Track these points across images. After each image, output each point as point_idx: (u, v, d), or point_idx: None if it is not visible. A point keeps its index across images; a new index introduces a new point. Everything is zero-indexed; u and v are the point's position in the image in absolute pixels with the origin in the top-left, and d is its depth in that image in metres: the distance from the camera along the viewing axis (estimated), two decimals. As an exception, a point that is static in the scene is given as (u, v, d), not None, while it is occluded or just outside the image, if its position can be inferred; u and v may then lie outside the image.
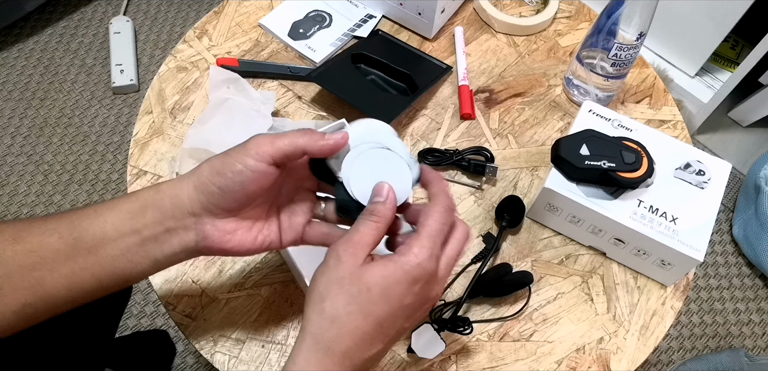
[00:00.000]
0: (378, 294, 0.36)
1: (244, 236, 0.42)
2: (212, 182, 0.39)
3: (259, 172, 0.39)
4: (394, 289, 0.36)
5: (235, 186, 0.39)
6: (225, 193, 0.39)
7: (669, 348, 1.19)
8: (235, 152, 0.39)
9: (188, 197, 0.40)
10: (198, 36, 0.75)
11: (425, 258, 0.37)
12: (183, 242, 0.40)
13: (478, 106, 0.72)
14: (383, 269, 0.37)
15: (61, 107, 1.39)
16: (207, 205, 0.39)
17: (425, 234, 0.38)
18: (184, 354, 1.10)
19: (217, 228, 0.40)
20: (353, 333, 0.36)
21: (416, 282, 0.37)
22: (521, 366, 0.55)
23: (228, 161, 0.39)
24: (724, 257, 1.31)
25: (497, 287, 0.57)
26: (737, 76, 1.28)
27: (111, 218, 0.39)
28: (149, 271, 0.41)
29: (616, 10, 0.62)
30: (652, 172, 0.57)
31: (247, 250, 0.42)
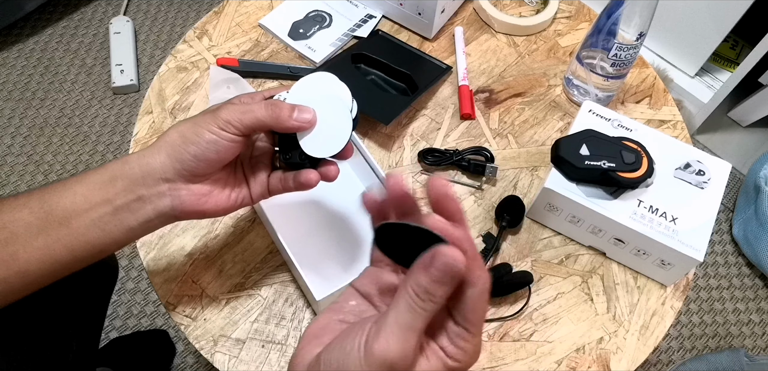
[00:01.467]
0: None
1: (219, 197, 0.43)
2: (186, 150, 0.40)
3: (231, 141, 0.40)
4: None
5: (209, 153, 0.40)
6: (199, 160, 0.40)
7: (669, 348, 1.19)
8: (205, 121, 0.40)
9: (160, 164, 0.40)
10: (198, 36, 0.75)
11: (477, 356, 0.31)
12: (157, 208, 0.41)
13: (478, 106, 0.72)
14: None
15: (61, 107, 1.39)
16: (181, 171, 0.40)
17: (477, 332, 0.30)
18: (184, 354, 1.10)
19: (192, 193, 0.42)
20: None
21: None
22: (521, 366, 0.55)
23: (199, 130, 0.40)
24: (724, 257, 1.30)
25: (497, 287, 0.57)
26: (737, 76, 1.28)
27: (80, 190, 0.40)
28: (124, 240, 0.42)
29: (616, 10, 0.62)
30: (652, 172, 0.57)
31: (223, 209, 0.44)
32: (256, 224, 0.61)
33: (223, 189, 0.44)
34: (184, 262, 0.58)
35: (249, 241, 0.60)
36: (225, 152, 0.41)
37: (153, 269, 0.57)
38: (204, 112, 0.42)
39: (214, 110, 0.41)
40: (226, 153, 0.41)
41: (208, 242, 0.59)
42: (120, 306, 1.14)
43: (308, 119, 0.42)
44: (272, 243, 0.60)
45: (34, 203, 0.40)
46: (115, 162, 0.41)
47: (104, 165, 0.41)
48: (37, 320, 0.55)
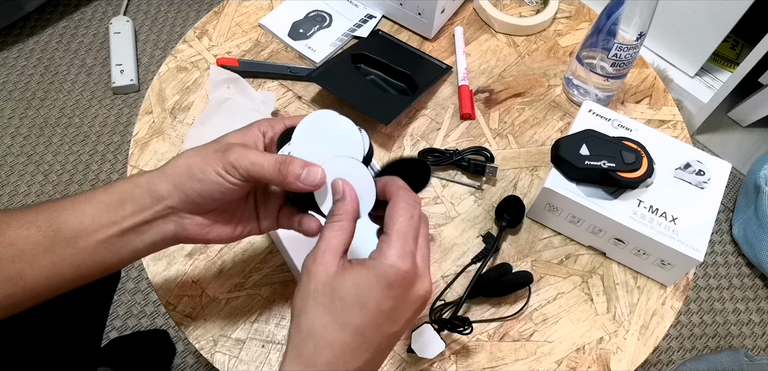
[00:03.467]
0: (351, 302, 0.35)
1: (223, 229, 0.43)
2: (191, 186, 0.39)
3: (235, 185, 0.40)
4: (369, 295, 0.35)
5: (214, 193, 0.40)
6: (204, 198, 0.40)
7: (669, 348, 1.19)
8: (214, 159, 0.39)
9: (167, 192, 0.40)
10: (198, 36, 0.75)
11: (397, 258, 0.36)
12: (162, 232, 0.41)
13: (478, 106, 0.72)
14: (354, 277, 0.35)
15: (61, 107, 1.39)
16: (186, 203, 0.40)
17: (394, 234, 0.36)
18: (184, 354, 1.10)
19: (195, 223, 0.42)
20: (331, 345, 0.35)
21: (392, 286, 0.35)
22: (521, 366, 0.55)
23: (206, 168, 0.39)
24: (724, 257, 1.30)
25: (497, 287, 0.57)
26: (737, 76, 1.28)
27: (89, 211, 0.40)
28: (129, 259, 0.42)
29: (616, 10, 0.62)
30: (652, 172, 0.57)
31: (227, 239, 0.44)
32: (256, 224, 0.61)
33: (228, 221, 0.44)
34: (184, 262, 0.58)
35: (249, 241, 0.60)
36: (230, 195, 0.40)
37: (153, 269, 0.57)
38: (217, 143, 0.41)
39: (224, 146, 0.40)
40: (231, 195, 0.40)
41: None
42: (120, 306, 1.14)
43: (316, 182, 0.40)
44: (272, 243, 0.60)
45: (43, 221, 0.39)
46: (123, 183, 0.41)
47: (113, 185, 0.41)
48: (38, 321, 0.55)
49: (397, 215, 0.37)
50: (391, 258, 0.35)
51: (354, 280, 0.35)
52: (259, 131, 0.42)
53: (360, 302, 0.35)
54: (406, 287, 0.36)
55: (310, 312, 0.35)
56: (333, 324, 0.35)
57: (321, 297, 0.35)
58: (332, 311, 0.35)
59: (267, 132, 0.43)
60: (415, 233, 0.37)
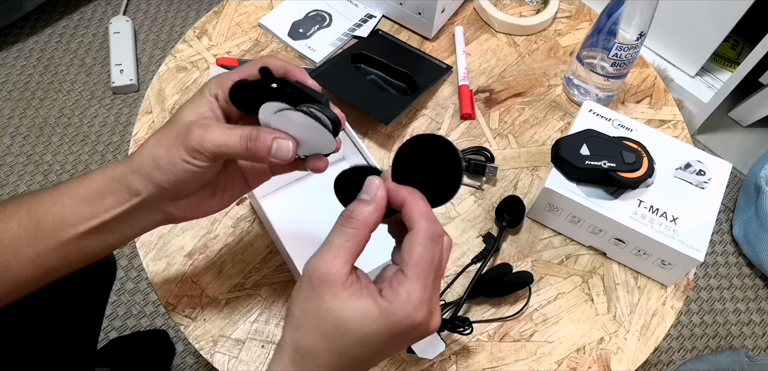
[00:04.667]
0: (356, 337, 0.33)
1: (210, 203, 0.42)
2: (163, 180, 0.38)
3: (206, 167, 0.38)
4: (374, 338, 0.33)
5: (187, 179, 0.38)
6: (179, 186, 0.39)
7: (669, 348, 1.19)
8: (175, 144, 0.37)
9: (143, 186, 0.38)
10: (198, 36, 0.75)
11: (413, 309, 0.32)
12: (149, 218, 0.41)
13: (478, 106, 0.72)
14: (364, 313, 0.32)
15: (61, 106, 1.39)
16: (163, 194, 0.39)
17: (414, 277, 0.33)
18: (184, 354, 1.09)
19: (179, 207, 0.41)
20: (329, 366, 0.34)
21: (401, 335, 0.33)
22: (521, 366, 0.55)
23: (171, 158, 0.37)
24: (725, 257, 1.30)
25: (497, 287, 0.57)
26: (737, 76, 1.28)
27: (69, 203, 0.39)
28: (118, 244, 0.41)
29: (617, 9, 0.62)
30: (652, 172, 0.57)
31: (217, 210, 0.43)
32: (256, 224, 0.61)
33: (213, 194, 0.43)
34: (184, 262, 0.58)
35: (249, 241, 0.60)
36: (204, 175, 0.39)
37: (153, 269, 0.57)
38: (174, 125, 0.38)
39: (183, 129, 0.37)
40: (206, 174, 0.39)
41: (208, 242, 0.59)
42: (120, 306, 1.14)
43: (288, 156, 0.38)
44: (272, 243, 0.60)
45: (23, 214, 0.39)
46: (99, 176, 0.40)
47: (89, 177, 0.40)
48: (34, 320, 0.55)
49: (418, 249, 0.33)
50: (407, 308, 0.32)
51: (362, 316, 0.32)
52: (211, 96, 0.40)
53: (362, 340, 0.33)
54: (414, 332, 0.34)
55: (312, 333, 0.34)
56: (333, 351, 0.33)
57: (323, 321, 0.33)
58: (334, 339, 0.33)
59: (219, 95, 0.40)
60: (436, 274, 0.34)
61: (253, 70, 0.40)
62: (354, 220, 0.34)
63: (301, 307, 0.34)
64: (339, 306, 0.33)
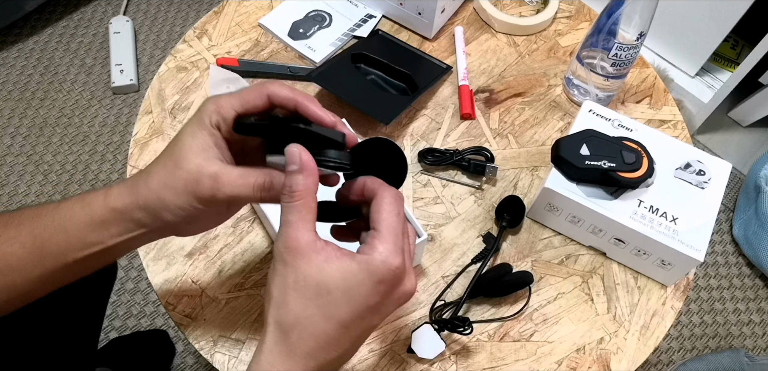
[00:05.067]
0: (340, 296, 0.34)
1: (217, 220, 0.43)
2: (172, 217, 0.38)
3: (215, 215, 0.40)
4: (357, 290, 0.34)
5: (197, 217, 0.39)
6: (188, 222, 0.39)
7: (669, 348, 1.19)
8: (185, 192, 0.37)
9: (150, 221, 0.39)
10: (198, 36, 0.75)
11: (388, 254, 0.35)
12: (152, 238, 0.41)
13: (478, 106, 0.72)
14: (343, 269, 0.34)
15: (61, 106, 1.39)
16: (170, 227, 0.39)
17: (385, 229, 0.35)
18: (184, 354, 1.09)
19: (181, 231, 0.41)
20: (315, 335, 0.34)
21: (382, 282, 0.35)
22: (521, 366, 0.55)
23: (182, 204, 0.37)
24: (725, 257, 1.30)
25: (497, 287, 0.57)
26: (737, 76, 1.28)
27: (73, 230, 0.39)
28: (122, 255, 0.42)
29: (616, 9, 0.62)
30: (652, 172, 0.57)
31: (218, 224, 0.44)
32: (256, 224, 0.61)
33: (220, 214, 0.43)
34: (184, 262, 0.58)
35: (249, 241, 0.60)
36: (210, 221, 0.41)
37: (153, 269, 0.57)
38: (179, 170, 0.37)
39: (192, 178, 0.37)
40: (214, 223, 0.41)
41: (207, 242, 0.59)
42: (120, 306, 1.14)
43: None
44: (272, 243, 0.60)
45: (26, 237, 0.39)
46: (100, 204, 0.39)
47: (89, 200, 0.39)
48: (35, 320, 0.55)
49: (386, 210, 0.36)
50: (383, 254, 0.35)
51: (342, 273, 0.34)
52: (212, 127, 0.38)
53: (347, 296, 0.34)
54: (394, 283, 0.36)
55: (292, 303, 0.34)
56: (318, 315, 0.34)
57: (304, 288, 0.34)
58: (318, 304, 0.34)
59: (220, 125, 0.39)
60: (403, 229, 0.37)
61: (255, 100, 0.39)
62: (295, 192, 0.35)
63: (279, 285, 0.34)
64: (316, 270, 0.34)
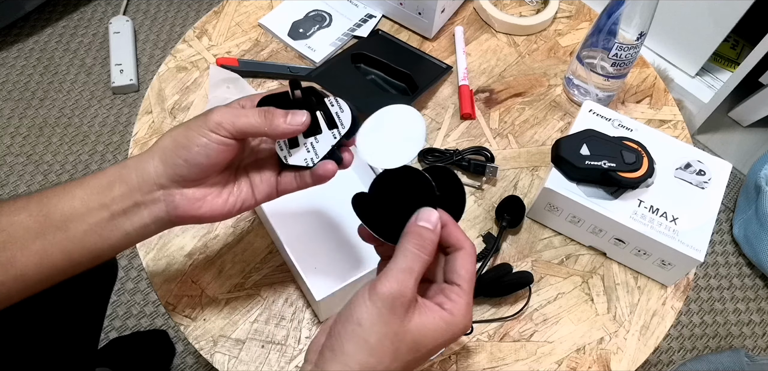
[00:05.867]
0: (425, 352, 0.36)
1: (215, 202, 0.43)
2: (177, 155, 0.40)
3: (223, 144, 0.40)
4: (438, 346, 0.36)
5: (200, 158, 0.40)
6: (191, 165, 0.40)
7: (669, 349, 1.19)
8: (197, 124, 0.40)
9: (154, 170, 0.40)
10: (198, 36, 0.75)
11: (468, 317, 0.37)
12: (153, 213, 0.41)
13: (478, 106, 0.72)
14: (434, 328, 0.35)
15: (61, 106, 1.39)
16: (174, 177, 0.40)
17: (468, 286, 0.37)
18: (184, 354, 1.09)
19: (185, 197, 0.41)
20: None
21: (454, 336, 0.36)
22: (521, 366, 0.55)
23: (190, 134, 0.40)
24: (725, 257, 1.30)
25: (497, 287, 0.57)
26: (737, 76, 1.28)
27: (79, 194, 0.40)
28: (121, 245, 0.42)
29: (617, 9, 0.62)
30: (652, 172, 0.57)
31: (221, 214, 0.43)
32: (256, 224, 0.61)
33: (219, 194, 0.43)
34: (184, 262, 0.58)
35: (249, 241, 0.60)
36: (216, 156, 0.40)
37: (153, 269, 0.57)
38: (198, 116, 0.41)
39: (206, 113, 0.41)
40: (218, 157, 0.40)
41: (208, 242, 0.59)
42: (120, 306, 1.14)
43: (301, 121, 0.41)
44: (272, 243, 0.60)
45: (34, 206, 0.40)
46: (114, 167, 0.41)
47: (104, 170, 0.41)
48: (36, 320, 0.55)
49: (469, 264, 0.37)
50: (468, 318, 0.36)
51: (433, 333, 0.35)
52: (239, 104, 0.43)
53: (429, 352, 0.36)
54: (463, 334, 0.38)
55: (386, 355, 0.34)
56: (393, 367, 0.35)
57: (401, 343, 0.34)
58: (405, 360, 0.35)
59: (246, 104, 0.43)
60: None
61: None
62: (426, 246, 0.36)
63: (379, 331, 0.34)
64: (414, 327, 0.35)
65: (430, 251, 0.36)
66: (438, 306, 0.36)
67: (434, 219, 0.37)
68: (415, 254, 0.36)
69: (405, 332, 0.34)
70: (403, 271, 0.35)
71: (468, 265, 0.37)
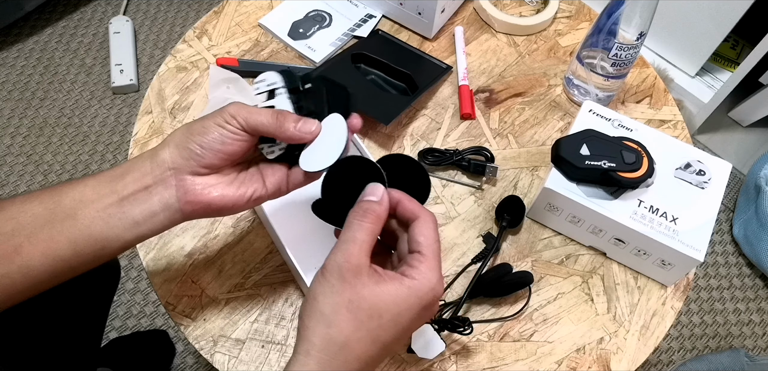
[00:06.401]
0: (389, 320, 0.36)
1: (226, 190, 0.43)
2: (192, 140, 0.41)
3: (235, 134, 0.41)
4: (405, 314, 0.36)
5: (215, 144, 0.41)
6: (205, 150, 0.41)
7: (669, 348, 1.19)
8: (212, 116, 0.41)
9: (169, 154, 0.41)
10: (198, 36, 0.75)
11: (436, 281, 0.37)
12: (163, 199, 0.41)
13: (478, 106, 0.72)
14: (395, 294, 0.36)
15: (61, 106, 1.39)
16: (188, 160, 0.41)
17: (431, 253, 0.37)
18: (184, 354, 1.09)
19: (196, 183, 0.41)
20: (361, 357, 0.36)
21: (426, 305, 0.37)
22: (521, 366, 0.55)
23: (206, 123, 0.41)
24: (725, 257, 1.30)
25: (497, 287, 0.57)
26: (737, 76, 1.28)
27: (92, 183, 0.41)
28: (128, 236, 0.41)
29: (617, 9, 0.62)
30: (652, 172, 0.57)
31: (232, 204, 0.43)
32: (256, 224, 0.61)
33: (231, 183, 0.44)
34: (184, 262, 0.58)
35: (249, 241, 0.60)
36: (230, 145, 0.41)
37: (153, 269, 0.57)
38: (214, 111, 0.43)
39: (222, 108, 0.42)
40: (232, 145, 0.41)
41: (207, 242, 0.59)
42: (120, 306, 1.14)
43: (311, 131, 0.42)
44: (272, 243, 0.60)
45: (47, 196, 0.41)
46: (129, 160, 0.42)
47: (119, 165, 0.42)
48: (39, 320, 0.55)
49: (428, 231, 0.38)
50: (431, 279, 0.37)
51: (394, 297, 0.36)
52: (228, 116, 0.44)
53: (395, 320, 0.36)
54: (434, 303, 0.38)
55: (344, 324, 0.35)
56: (367, 338, 0.36)
57: (357, 310, 0.35)
58: (368, 327, 0.35)
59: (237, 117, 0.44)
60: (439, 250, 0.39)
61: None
62: (371, 214, 0.38)
63: (332, 301, 0.35)
64: (370, 293, 0.36)
65: (374, 220, 0.38)
66: (400, 274, 0.37)
67: (379, 192, 0.39)
68: (357, 224, 0.37)
69: (360, 299, 0.35)
70: (346, 242, 0.37)
71: (426, 231, 0.38)
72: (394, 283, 0.36)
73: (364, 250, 0.36)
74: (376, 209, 0.38)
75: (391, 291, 0.36)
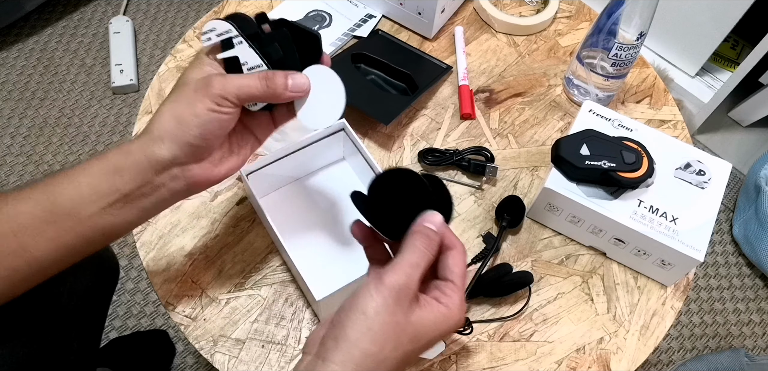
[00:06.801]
0: (422, 344, 0.37)
1: (229, 160, 0.44)
2: (189, 133, 0.40)
3: (230, 114, 0.41)
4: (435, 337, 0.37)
5: (214, 130, 0.41)
6: (206, 139, 0.41)
7: (669, 348, 1.19)
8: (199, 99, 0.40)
9: (169, 152, 0.40)
10: (198, 36, 0.75)
11: (463, 312, 0.39)
12: (172, 189, 0.42)
13: (478, 106, 0.72)
14: (433, 320, 0.37)
15: (61, 107, 1.39)
16: (189, 154, 0.41)
17: (462, 286, 0.39)
18: (184, 354, 1.09)
19: (203, 168, 0.42)
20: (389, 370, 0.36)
21: (451, 330, 0.38)
22: (521, 366, 0.55)
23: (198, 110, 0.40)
24: (724, 257, 1.30)
25: (497, 287, 0.57)
26: (737, 76, 1.28)
27: (85, 181, 0.40)
28: (138, 220, 0.42)
29: (617, 9, 0.62)
30: (652, 172, 0.57)
31: (237, 166, 0.45)
32: (256, 224, 0.61)
33: (230, 151, 0.45)
34: (184, 262, 0.58)
35: (249, 241, 0.60)
36: (228, 125, 0.42)
37: (153, 269, 0.57)
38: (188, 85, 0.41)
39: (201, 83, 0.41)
40: (229, 125, 0.42)
41: (208, 242, 0.59)
42: (120, 306, 1.14)
43: (304, 87, 0.43)
44: (272, 243, 0.60)
45: (39, 195, 0.40)
46: (114, 153, 0.41)
47: (104, 154, 0.41)
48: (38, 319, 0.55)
49: (463, 265, 0.39)
50: (462, 311, 0.38)
51: (433, 324, 0.37)
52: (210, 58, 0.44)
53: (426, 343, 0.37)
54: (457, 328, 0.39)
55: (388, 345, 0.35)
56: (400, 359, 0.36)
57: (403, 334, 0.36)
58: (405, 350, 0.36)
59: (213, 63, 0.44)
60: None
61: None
62: (430, 242, 0.38)
63: (382, 320, 0.35)
64: (417, 319, 0.37)
65: (435, 251, 0.38)
66: (435, 300, 0.38)
67: (438, 221, 0.39)
68: (423, 252, 0.38)
69: (407, 323, 0.36)
70: (411, 265, 0.37)
71: (460, 263, 0.39)
72: (433, 311, 0.37)
73: (417, 274, 0.37)
74: (436, 240, 0.39)
75: (431, 318, 0.37)
